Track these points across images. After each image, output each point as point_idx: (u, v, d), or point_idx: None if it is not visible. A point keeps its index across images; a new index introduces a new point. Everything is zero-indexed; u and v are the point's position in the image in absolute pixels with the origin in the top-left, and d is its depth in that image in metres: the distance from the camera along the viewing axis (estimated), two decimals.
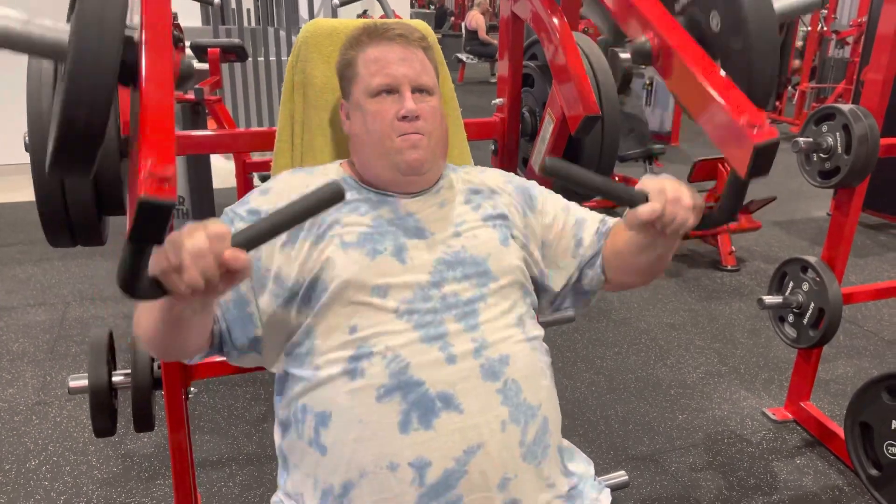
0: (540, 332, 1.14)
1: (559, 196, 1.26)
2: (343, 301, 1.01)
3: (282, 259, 1.04)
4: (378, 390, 0.97)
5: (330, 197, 0.80)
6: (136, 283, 0.73)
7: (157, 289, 0.75)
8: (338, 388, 0.99)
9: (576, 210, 1.23)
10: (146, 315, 0.92)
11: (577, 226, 1.20)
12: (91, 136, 0.73)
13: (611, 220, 1.20)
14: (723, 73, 1.05)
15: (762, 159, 0.91)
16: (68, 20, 0.98)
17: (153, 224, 0.69)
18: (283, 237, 1.04)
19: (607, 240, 1.18)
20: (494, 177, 1.23)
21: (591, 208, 1.25)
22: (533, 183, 1.26)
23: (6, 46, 0.81)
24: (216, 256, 0.74)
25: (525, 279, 1.14)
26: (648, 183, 0.95)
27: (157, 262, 0.74)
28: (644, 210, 0.93)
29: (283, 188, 1.12)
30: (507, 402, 1.00)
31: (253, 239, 0.77)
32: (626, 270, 1.16)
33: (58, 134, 0.73)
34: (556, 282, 1.20)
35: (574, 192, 0.97)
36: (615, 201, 0.95)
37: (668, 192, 0.93)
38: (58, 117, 0.74)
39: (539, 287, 1.20)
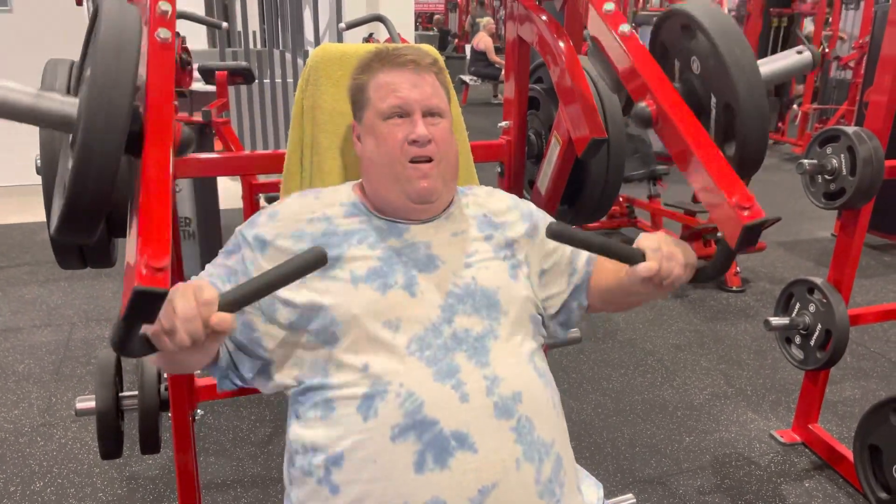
0: (546, 364, 1.14)
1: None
2: (354, 337, 1.01)
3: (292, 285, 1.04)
4: (392, 430, 0.97)
5: (313, 261, 0.86)
6: (128, 345, 0.80)
7: (149, 346, 0.83)
8: (351, 427, 0.98)
9: None
10: None
11: (573, 253, 1.23)
12: (97, 207, 0.80)
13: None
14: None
15: (751, 236, 0.98)
16: (72, 89, 1.02)
17: (147, 309, 0.75)
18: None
19: (593, 273, 1.22)
20: (503, 201, 1.24)
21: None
22: (539, 211, 1.28)
23: (17, 119, 0.86)
24: (204, 321, 0.81)
25: (534, 312, 1.15)
26: (645, 242, 1.00)
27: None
28: (643, 269, 0.98)
29: (290, 213, 1.12)
30: (520, 441, 0.99)
31: (239, 302, 0.85)
32: (610, 304, 1.23)
33: (66, 205, 0.80)
34: (552, 307, 1.22)
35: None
36: (615, 259, 1.02)
37: (664, 251, 0.99)
38: (67, 189, 0.79)
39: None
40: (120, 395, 1.48)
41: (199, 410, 1.59)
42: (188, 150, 0.99)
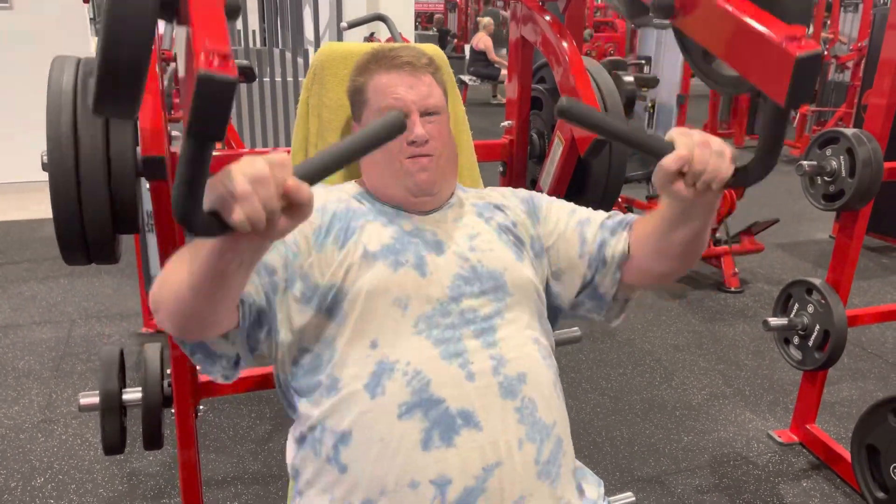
0: (550, 345, 1.15)
1: (566, 202, 1.24)
2: (364, 313, 1.02)
3: (312, 259, 1.04)
4: (399, 408, 0.98)
5: (393, 126, 0.75)
6: (194, 212, 0.67)
7: (216, 223, 0.69)
8: (358, 405, 0.99)
9: (582, 211, 1.20)
10: (181, 271, 0.83)
11: (580, 224, 1.17)
12: (135, 69, 0.68)
13: (624, 215, 1.16)
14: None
15: (804, 76, 0.79)
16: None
17: (216, 106, 0.63)
18: (312, 238, 1.05)
19: (631, 232, 1.12)
20: (500, 191, 1.25)
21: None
22: (538, 193, 1.27)
23: None
24: (278, 185, 0.68)
25: (539, 293, 1.15)
26: (675, 131, 0.87)
27: (213, 188, 0.68)
28: (671, 158, 0.83)
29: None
30: (523, 421, 1.00)
31: (316, 171, 0.72)
32: (659, 255, 1.07)
33: (101, 68, 0.68)
34: (571, 285, 1.18)
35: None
36: (639, 150, 0.85)
37: (695, 137, 0.84)
38: (100, 50, 0.68)
39: (552, 295, 1.19)
40: (123, 390, 1.48)
41: (200, 407, 1.59)
42: (235, 16, 0.88)
